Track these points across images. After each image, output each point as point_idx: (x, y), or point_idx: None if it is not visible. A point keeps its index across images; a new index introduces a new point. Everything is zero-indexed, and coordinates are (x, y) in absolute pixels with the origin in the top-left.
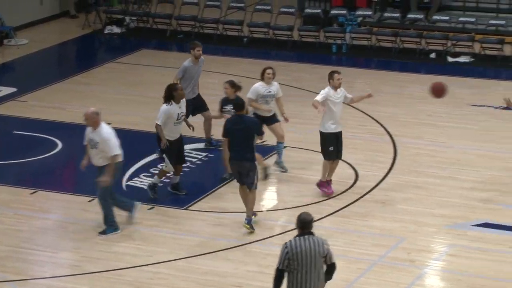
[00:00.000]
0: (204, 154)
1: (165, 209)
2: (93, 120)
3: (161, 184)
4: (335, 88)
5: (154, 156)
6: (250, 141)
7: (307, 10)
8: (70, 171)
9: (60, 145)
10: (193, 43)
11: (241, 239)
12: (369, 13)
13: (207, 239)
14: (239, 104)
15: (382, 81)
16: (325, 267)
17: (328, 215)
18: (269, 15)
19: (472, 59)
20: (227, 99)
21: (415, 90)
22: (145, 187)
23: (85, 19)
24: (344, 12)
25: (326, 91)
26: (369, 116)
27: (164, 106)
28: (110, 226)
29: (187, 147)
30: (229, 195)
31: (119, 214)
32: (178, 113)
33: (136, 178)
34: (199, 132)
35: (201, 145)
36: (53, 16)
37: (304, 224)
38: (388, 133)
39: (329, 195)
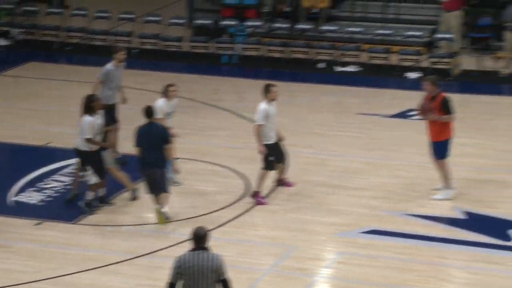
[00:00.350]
0: None
1: (53, 224)
2: None
3: (51, 199)
4: (272, 100)
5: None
6: (161, 148)
7: (197, 21)
8: None
9: None
10: (116, 46)
11: (131, 252)
12: (259, 23)
13: (96, 253)
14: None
15: None
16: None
17: (220, 225)
18: (159, 26)
19: (360, 69)
20: None
21: (305, 99)
22: (33, 202)
23: None
24: (234, 23)
25: (265, 107)
26: None
27: (88, 118)
28: None
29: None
30: (119, 209)
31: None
32: (98, 124)
33: (23, 193)
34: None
35: None
36: None
37: (198, 238)
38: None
39: (265, 204)
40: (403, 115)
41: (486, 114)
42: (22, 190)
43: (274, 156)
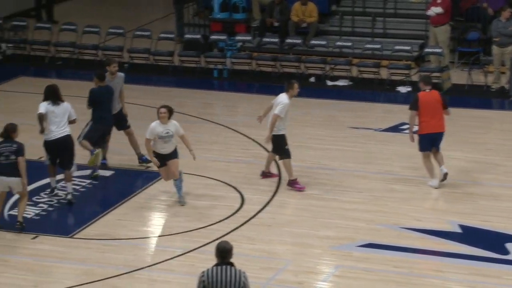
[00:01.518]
0: (88, 181)
1: (49, 238)
2: None
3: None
4: (292, 96)
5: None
6: None
7: (187, 36)
8: None
9: None
10: (108, 59)
11: (129, 266)
12: (249, 38)
13: (93, 267)
14: None
15: (263, 106)
16: None
17: (216, 239)
18: (149, 41)
19: (351, 83)
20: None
21: (296, 113)
22: (29, 216)
23: None
24: (224, 37)
25: (287, 102)
26: (252, 139)
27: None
28: None
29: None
30: (115, 222)
31: None
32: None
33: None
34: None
35: (86, 172)
36: None
37: (223, 253)
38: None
39: (303, 190)
40: (395, 128)
41: (477, 128)
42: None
43: (287, 145)
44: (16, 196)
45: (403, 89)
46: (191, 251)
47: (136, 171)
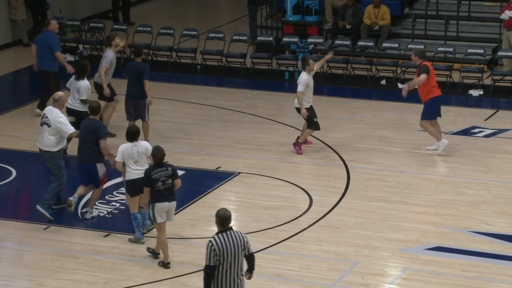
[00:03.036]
0: None
1: (121, 236)
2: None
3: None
4: (311, 71)
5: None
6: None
7: (260, 38)
8: (25, 199)
9: (14, 173)
10: (112, 33)
11: (198, 264)
12: (320, 40)
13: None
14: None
15: (333, 107)
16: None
17: (284, 240)
18: (222, 43)
19: None
20: None
21: (367, 116)
22: (102, 214)
23: None
24: (295, 39)
25: (306, 78)
26: (322, 141)
27: (86, 82)
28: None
29: None
30: (184, 221)
31: None
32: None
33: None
34: None
35: None
36: (5, 44)
37: (224, 220)
38: (341, 158)
39: (301, 154)
40: (466, 132)
41: None
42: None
43: (316, 117)
44: (89, 194)
45: (475, 93)
46: (259, 251)
47: (206, 171)
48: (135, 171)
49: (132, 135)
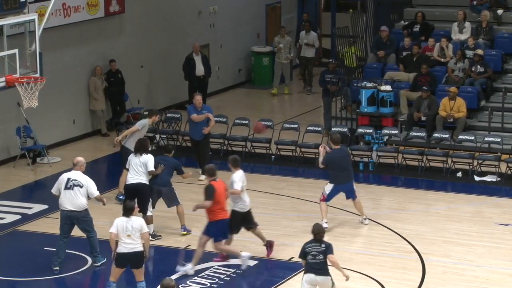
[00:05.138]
0: (233, 270)
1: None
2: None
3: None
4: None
5: None
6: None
7: (334, 129)
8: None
9: (89, 261)
10: (155, 110)
11: None
12: (395, 132)
13: None
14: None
15: (408, 199)
16: None
17: None
18: (296, 133)
19: (499, 179)
20: None
21: (442, 208)
22: None
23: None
24: (370, 131)
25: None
26: (396, 233)
27: (151, 156)
28: None
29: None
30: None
31: None
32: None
33: None
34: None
35: (230, 261)
36: (85, 134)
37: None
38: (416, 250)
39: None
40: None
41: None
42: None
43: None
44: None
45: None
46: None
47: (279, 261)
48: (126, 245)
49: (127, 211)
